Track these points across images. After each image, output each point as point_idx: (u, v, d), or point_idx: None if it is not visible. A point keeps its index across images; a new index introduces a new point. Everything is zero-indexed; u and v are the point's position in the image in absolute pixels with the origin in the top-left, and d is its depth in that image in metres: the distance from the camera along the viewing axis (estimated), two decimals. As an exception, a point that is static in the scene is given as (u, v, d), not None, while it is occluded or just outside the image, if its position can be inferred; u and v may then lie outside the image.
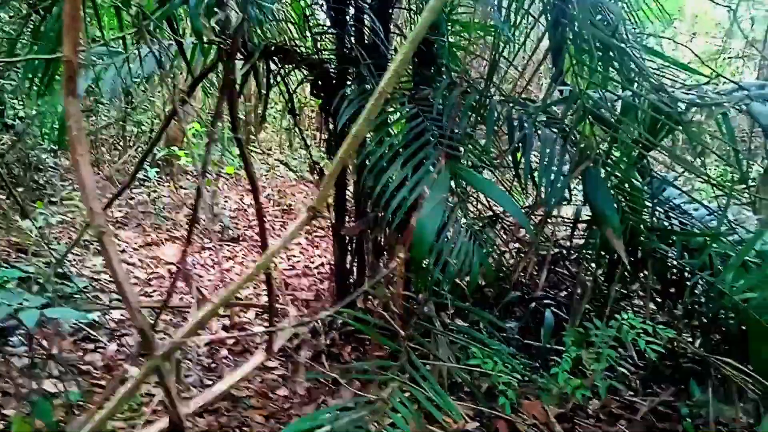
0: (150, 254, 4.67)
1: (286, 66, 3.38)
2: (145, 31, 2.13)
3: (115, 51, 3.25)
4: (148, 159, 6.11)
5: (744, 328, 2.51)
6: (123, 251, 4.64)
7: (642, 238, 2.85)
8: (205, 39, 2.45)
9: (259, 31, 3.15)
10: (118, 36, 3.03)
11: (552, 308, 3.03)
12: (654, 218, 2.98)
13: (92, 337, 3.28)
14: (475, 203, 3.50)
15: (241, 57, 3.18)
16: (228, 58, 2.13)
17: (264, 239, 2.51)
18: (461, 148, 2.92)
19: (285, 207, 6.38)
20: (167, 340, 1.47)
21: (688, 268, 2.76)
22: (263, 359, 2.55)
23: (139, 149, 6.64)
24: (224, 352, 3.17)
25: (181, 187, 6.38)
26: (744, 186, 3.52)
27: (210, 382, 2.84)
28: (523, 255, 3.22)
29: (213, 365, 3.06)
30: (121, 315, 3.38)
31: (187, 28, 3.24)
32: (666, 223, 3.02)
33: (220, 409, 2.58)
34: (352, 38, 3.23)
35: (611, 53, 2.78)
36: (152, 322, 2.95)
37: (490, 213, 3.42)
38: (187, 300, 3.70)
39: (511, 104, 3.08)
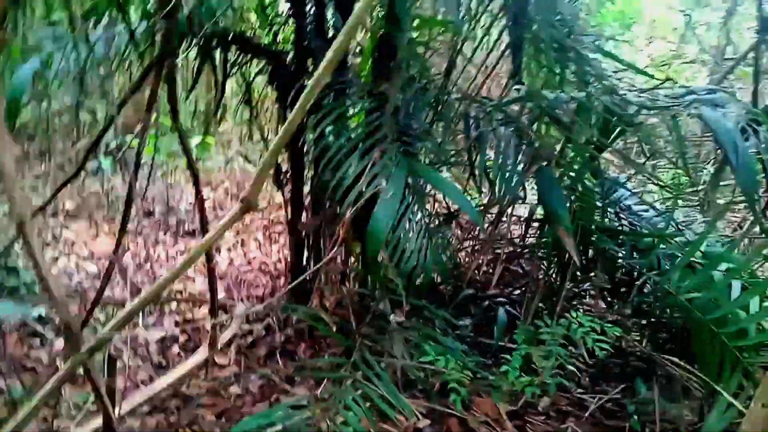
0: (101, 247, 4.55)
1: (244, 56, 3.33)
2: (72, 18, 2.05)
3: (63, 34, 3.14)
4: (102, 148, 5.95)
5: (689, 327, 2.57)
6: (73, 243, 4.52)
7: (593, 238, 2.89)
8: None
9: (216, 19, 3.09)
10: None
11: (506, 306, 3.06)
12: (605, 218, 3.03)
13: (39, 332, 3.18)
14: (432, 201, 3.51)
15: (197, 44, 3.12)
16: (166, 41, 2.08)
17: (205, 231, 2.48)
18: (418, 144, 2.92)
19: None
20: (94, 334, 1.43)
21: (636, 268, 2.81)
22: (206, 355, 2.52)
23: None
24: (176, 349, 3.11)
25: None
26: (693, 189, 3.62)
27: (161, 380, 2.78)
28: (477, 253, 3.24)
29: (164, 363, 3.01)
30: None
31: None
32: (616, 224, 3.07)
33: (170, 408, 2.53)
34: (312, 30, 3.19)
35: (568, 54, 2.81)
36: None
37: (446, 210, 3.42)
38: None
39: (468, 102, 3.09)
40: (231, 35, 3.19)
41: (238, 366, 2.90)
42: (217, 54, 3.27)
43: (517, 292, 3.40)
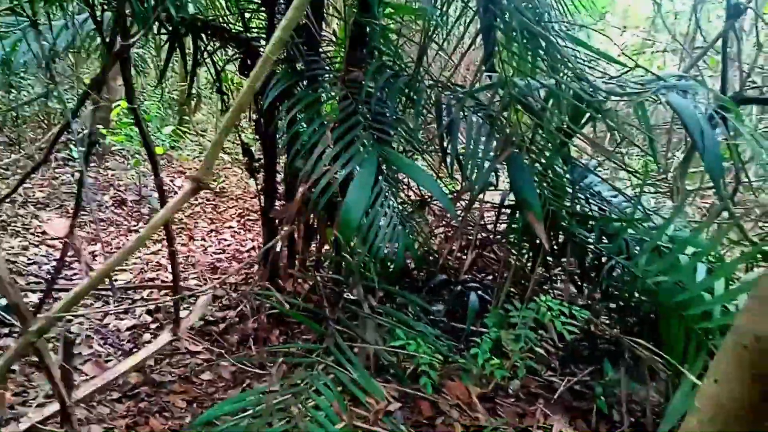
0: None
1: (215, 43, 3.30)
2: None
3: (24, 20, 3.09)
4: (73, 138, 5.86)
5: (656, 310, 2.61)
6: (43, 232, 4.45)
7: (563, 223, 2.92)
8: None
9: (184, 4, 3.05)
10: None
11: (478, 291, 3.08)
12: (575, 204, 3.06)
13: (5, 321, 3.14)
14: (406, 188, 3.52)
15: (166, 31, 3.09)
16: (118, 20, 2.05)
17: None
18: (391, 132, 2.92)
19: (218, 189, 6.25)
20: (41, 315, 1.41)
21: (605, 253, 2.85)
22: (169, 339, 2.51)
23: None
24: (147, 336, 3.09)
25: (107, 168, 6.16)
26: (662, 175, 3.67)
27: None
28: (450, 239, 3.26)
29: (135, 350, 2.98)
30: (38, 299, 3.24)
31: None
32: (586, 209, 3.11)
33: (140, 394, 2.52)
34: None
35: (538, 41, 2.82)
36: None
37: (419, 197, 3.44)
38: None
39: (439, 89, 3.10)
40: (201, 22, 3.16)
41: (210, 352, 2.89)
42: (189, 42, 3.25)
43: (490, 277, 3.43)
